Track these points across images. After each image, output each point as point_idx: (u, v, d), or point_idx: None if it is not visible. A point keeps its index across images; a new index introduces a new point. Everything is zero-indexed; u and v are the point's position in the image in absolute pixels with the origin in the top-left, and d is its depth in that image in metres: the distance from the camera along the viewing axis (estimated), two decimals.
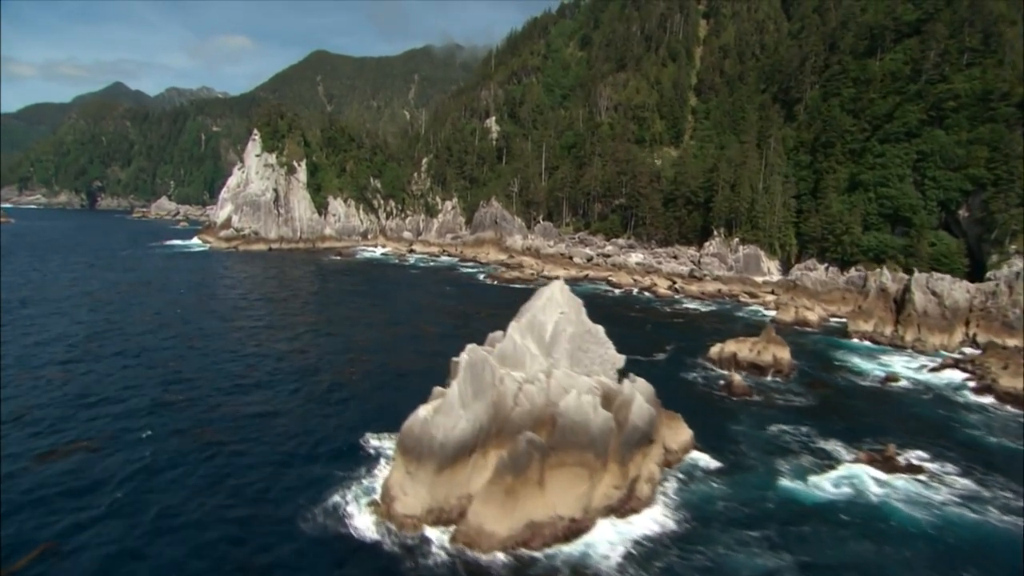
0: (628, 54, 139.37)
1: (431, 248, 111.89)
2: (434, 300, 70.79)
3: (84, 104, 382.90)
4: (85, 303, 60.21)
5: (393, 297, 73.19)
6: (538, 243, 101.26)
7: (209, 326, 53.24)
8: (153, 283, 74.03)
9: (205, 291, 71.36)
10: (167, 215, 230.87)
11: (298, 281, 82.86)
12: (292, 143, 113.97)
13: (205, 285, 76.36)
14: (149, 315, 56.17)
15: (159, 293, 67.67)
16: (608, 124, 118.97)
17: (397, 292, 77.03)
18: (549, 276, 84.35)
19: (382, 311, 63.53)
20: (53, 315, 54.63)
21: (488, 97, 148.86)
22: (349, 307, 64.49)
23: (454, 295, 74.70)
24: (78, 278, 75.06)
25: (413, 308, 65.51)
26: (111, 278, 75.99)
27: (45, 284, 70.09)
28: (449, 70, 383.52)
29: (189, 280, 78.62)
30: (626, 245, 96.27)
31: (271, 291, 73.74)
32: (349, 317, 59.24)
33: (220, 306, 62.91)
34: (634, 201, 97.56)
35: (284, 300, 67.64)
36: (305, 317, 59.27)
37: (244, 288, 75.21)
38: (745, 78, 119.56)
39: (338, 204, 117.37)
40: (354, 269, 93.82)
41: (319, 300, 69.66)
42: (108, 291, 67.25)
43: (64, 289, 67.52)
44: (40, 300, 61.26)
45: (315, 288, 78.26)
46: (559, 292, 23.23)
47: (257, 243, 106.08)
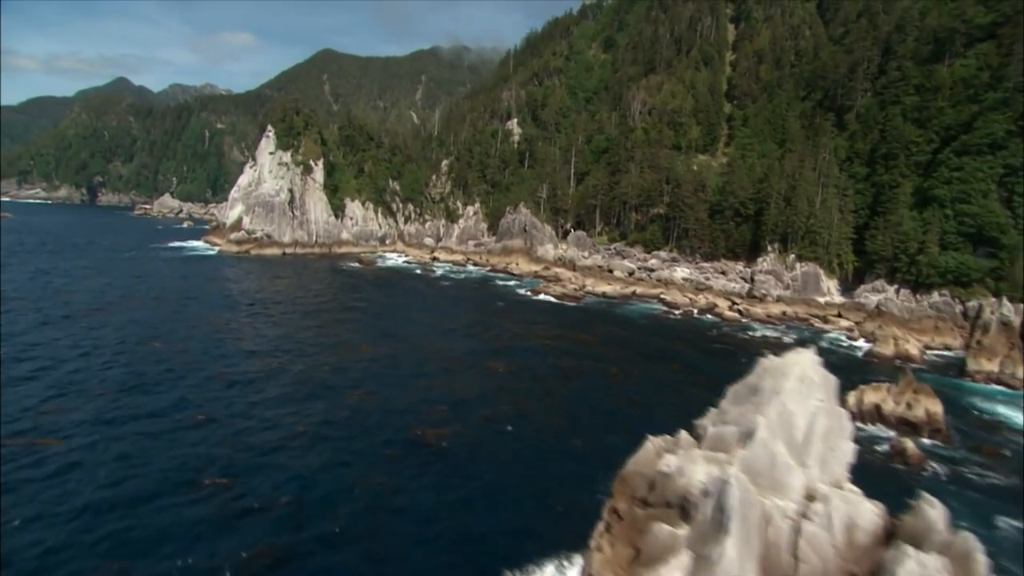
0: (657, 57, 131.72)
1: (454, 256, 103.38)
2: (489, 321, 61.19)
3: (87, 98, 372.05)
4: (89, 325, 50.55)
5: (441, 316, 63.31)
6: (572, 254, 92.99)
7: (256, 367, 42.90)
8: (165, 296, 63.52)
9: (230, 309, 60.40)
10: (169, 213, 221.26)
11: (328, 295, 72.34)
12: (309, 141, 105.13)
13: (227, 299, 65.10)
14: (175, 348, 44.93)
15: (176, 312, 56.78)
16: (642, 129, 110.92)
17: (441, 309, 67.39)
18: (595, 292, 76.28)
19: (442, 338, 53.27)
20: (46, 345, 45.62)
21: (510, 98, 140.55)
22: (402, 331, 54.60)
23: (504, 314, 64.75)
24: (79, 288, 65.60)
25: (472, 333, 55.60)
26: (116, 289, 66.21)
27: (40, 296, 60.84)
28: (456, 72, 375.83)
29: (206, 292, 68.16)
30: (669, 259, 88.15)
31: (306, 310, 62.60)
32: (412, 345, 49.53)
33: (257, 333, 52.32)
34: (678, 211, 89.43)
35: (325, 325, 56.04)
36: (361, 347, 48.77)
37: (274, 304, 64.71)
38: (783, 84, 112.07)
39: (356, 207, 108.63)
40: (382, 279, 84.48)
41: (365, 323, 58.36)
42: (114, 307, 57.22)
43: (61, 301, 58.26)
44: (34, 322, 52.40)
45: (352, 304, 66.62)
46: (812, 369, 15.01)
47: (270, 247, 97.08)
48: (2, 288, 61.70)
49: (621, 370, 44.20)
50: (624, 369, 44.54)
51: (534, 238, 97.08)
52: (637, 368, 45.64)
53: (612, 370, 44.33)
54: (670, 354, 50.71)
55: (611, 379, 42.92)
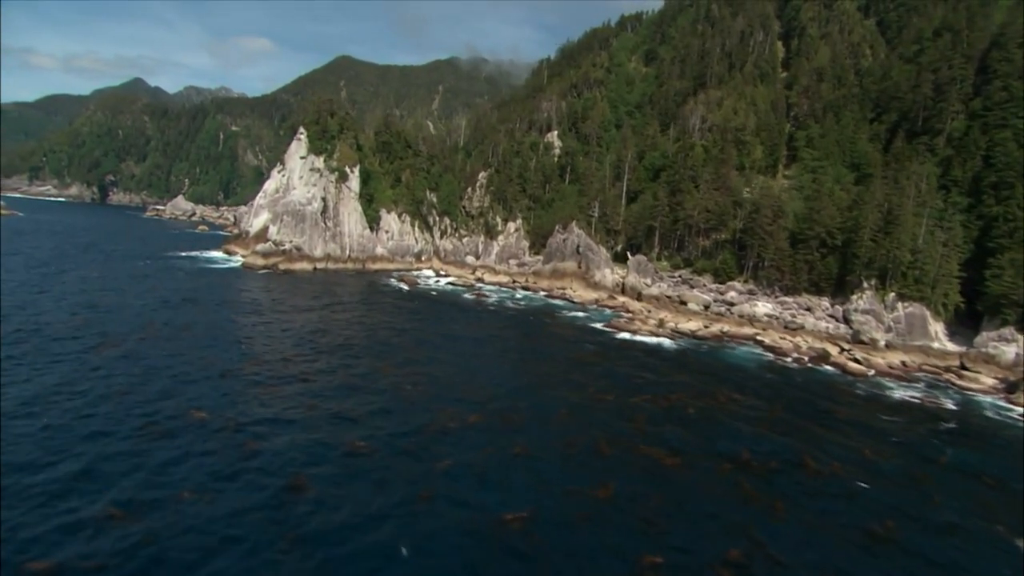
0: (708, 72, 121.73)
1: (499, 277, 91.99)
2: (592, 370, 49.01)
3: (102, 97, 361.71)
4: (103, 371, 38.94)
5: (529, 363, 51.32)
6: (633, 281, 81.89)
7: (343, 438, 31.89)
8: (192, 328, 50.84)
9: (279, 354, 46.79)
10: (182, 215, 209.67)
11: (385, 332, 57.77)
12: (344, 146, 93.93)
13: (271, 336, 52.13)
14: (224, 424, 32.62)
15: (211, 357, 44.12)
16: (702, 147, 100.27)
17: (523, 352, 55.65)
18: (680, 330, 65.02)
19: (552, 401, 41.00)
20: (50, 405, 34.23)
21: (550, 109, 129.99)
22: (497, 389, 42.52)
23: (602, 360, 52.34)
24: (88, 310, 54.28)
25: (585, 392, 42.83)
26: (133, 313, 54.48)
27: (45, 322, 49.43)
28: (474, 83, 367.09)
29: (243, 326, 54.61)
30: (746, 291, 77.14)
31: (364, 344, 51.55)
32: (529, 419, 37.28)
33: (326, 389, 39.65)
34: (756, 239, 78.48)
35: (398, 385, 42.01)
36: (459, 414, 36.87)
37: (330, 337, 52.82)
38: (847, 104, 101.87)
39: (392, 219, 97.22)
40: (436, 307, 72.27)
41: (445, 371, 45.85)
42: (133, 344, 45.12)
43: (69, 328, 46.91)
44: (35, 346, 41.04)
45: (417, 340, 54.36)
46: None
47: (300, 261, 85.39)
48: (2, 308, 50.24)
49: (817, 460, 33.07)
50: (822, 458, 33.45)
51: (590, 261, 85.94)
52: (849, 459, 34.32)
53: (809, 463, 33.29)
54: (844, 427, 39.69)
55: (824, 479, 31.46)
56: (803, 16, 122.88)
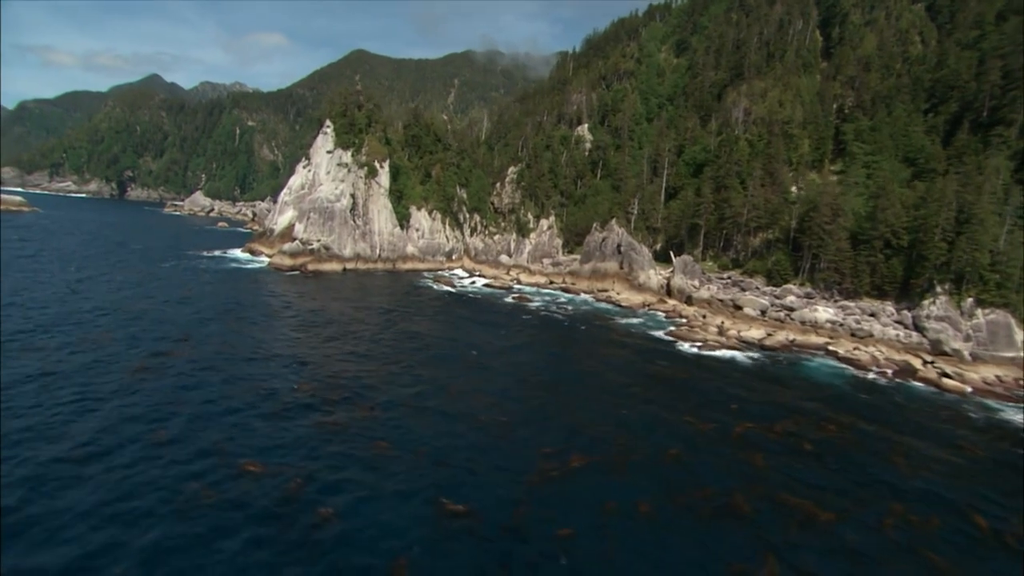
0: (745, 62, 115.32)
1: (535, 277, 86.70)
2: (676, 389, 43.68)
3: (120, 93, 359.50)
4: (131, 403, 33.82)
5: (604, 379, 44.78)
6: (681, 283, 76.35)
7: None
8: (233, 346, 44.51)
9: (321, 363, 42.37)
10: (200, 211, 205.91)
11: (435, 339, 52.75)
12: (373, 140, 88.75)
13: (310, 343, 47.81)
14: (285, 474, 26.90)
15: (250, 369, 39.68)
16: (747, 140, 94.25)
17: (593, 366, 48.38)
18: (745, 339, 59.48)
19: (667, 442, 34.12)
20: (60, 440, 29.36)
21: (580, 101, 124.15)
22: (574, 412, 37.27)
23: (691, 382, 46.09)
24: (110, 320, 49.41)
25: (688, 430, 36.05)
26: (161, 325, 49.26)
27: (63, 340, 44.30)
28: (490, 76, 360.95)
29: (278, 332, 49.87)
30: (803, 295, 71.41)
31: (422, 361, 45.38)
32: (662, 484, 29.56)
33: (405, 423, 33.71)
34: (815, 239, 72.62)
35: (466, 393, 38.50)
36: (556, 455, 30.91)
37: (382, 351, 46.85)
38: (897, 95, 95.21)
39: (422, 216, 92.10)
40: (481, 310, 66.58)
41: (519, 394, 40.16)
42: (164, 365, 39.22)
43: (89, 346, 42.02)
44: (63, 376, 36.37)
45: (476, 355, 48.42)
46: None
47: (329, 261, 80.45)
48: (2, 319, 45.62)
49: (985, 515, 27.69)
50: (986, 508, 28.17)
51: (633, 261, 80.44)
52: None
53: (979, 520, 27.48)
54: (986, 464, 34.11)
55: None
56: (845, 2, 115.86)
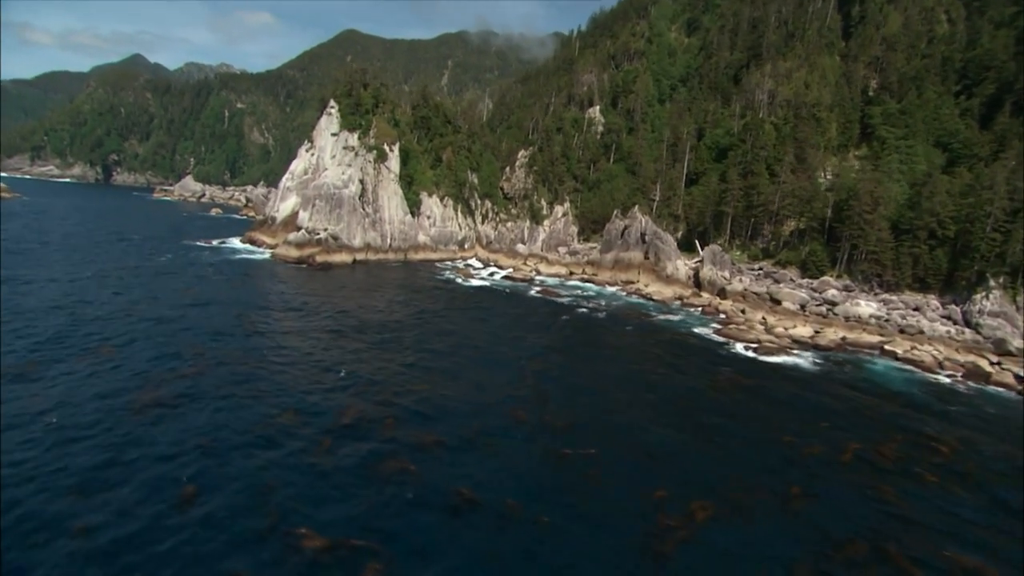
0: (763, 42, 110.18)
1: (554, 268, 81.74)
2: (753, 403, 38.31)
3: (102, 73, 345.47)
4: (141, 433, 28.22)
5: (675, 393, 39.05)
6: (710, 273, 71.91)
7: None
8: (248, 351, 39.42)
9: (357, 381, 35.98)
10: (191, 197, 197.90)
11: (474, 344, 46.64)
12: (382, 121, 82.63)
13: (338, 351, 41.63)
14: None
15: (278, 391, 33.51)
16: (772, 124, 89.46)
17: (655, 376, 42.09)
18: (797, 339, 55.08)
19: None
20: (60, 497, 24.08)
21: (591, 82, 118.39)
22: (664, 440, 31.59)
23: (762, 392, 40.48)
24: (108, 328, 43.26)
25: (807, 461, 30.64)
26: (169, 328, 43.06)
27: (55, 356, 38.17)
28: (484, 57, 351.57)
29: (300, 340, 43.06)
30: (842, 287, 67.30)
31: (471, 376, 39.12)
32: None
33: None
34: (855, 228, 68.30)
35: (535, 417, 32.73)
36: (669, 502, 25.83)
37: (424, 362, 41.32)
38: (925, 76, 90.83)
39: (433, 203, 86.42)
40: (510, 306, 60.75)
41: (591, 418, 34.05)
42: (175, 395, 32.14)
43: (85, 367, 35.86)
44: (44, 434, 30.88)
45: (527, 364, 42.29)
46: None
47: (339, 252, 74.43)
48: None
49: None
50: None
51: (659, 251, 75.76)
52: None
53: None
54: None
55: None
56: None
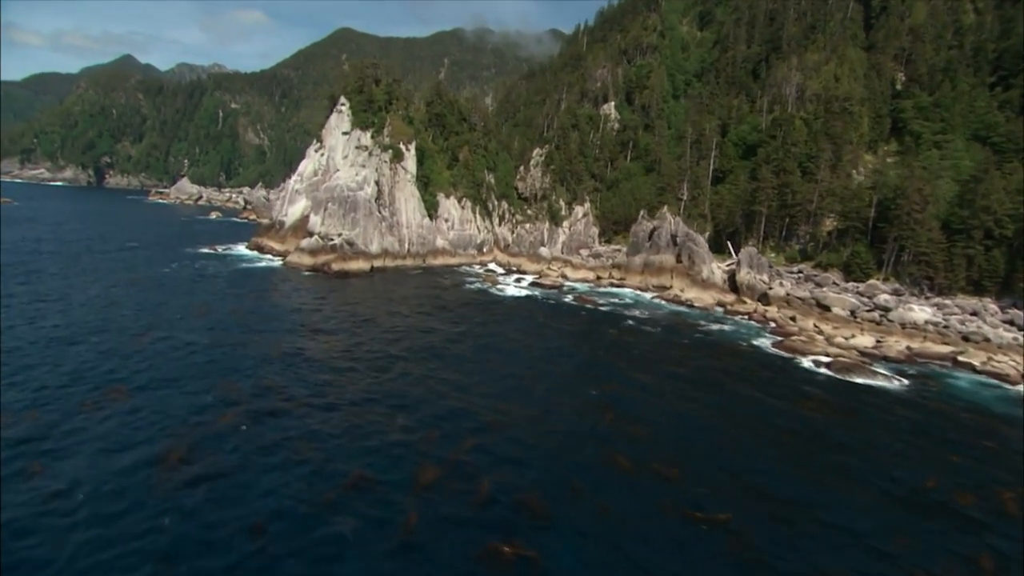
0: (783, 35, 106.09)
1: (580, 272, 77.04)
2: (870, 444, 31.71)
3: (93, 75, 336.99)
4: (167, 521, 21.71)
5: (781, 431, 32.64)
6: (748, 277, 67.57)
7: None
8: (280, 388, 32.52)
9: (417, 424, 29.84)
10: (188, 199, 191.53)
11: (544, 366, 40.84)
12: (396, 119, 77.58)
13: (388, 381, 35.13)
14: None
15: (324, 436, 27.56)
16: (801, 120, 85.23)
17: (743, 408, 35.69)
18: (861, 351, 50.71)
19: None
20: None
21: (604, 77, 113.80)
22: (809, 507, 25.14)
23: (868, 425, 34.44)
24: (121, 362, 36.92)
25: None
26: (187, 367, 35.44)
27: (55, 409, 31.90)
28: (480, 55, 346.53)
29: (340, 371, 36.22)
30: (891, 291, 63.13)
31: (545, 410, 33.04)
32: None
33: None
34: (905, 228, 64.11)
35: (636, 462, 27.24)
36: None
37: (495, 385, 36.04)
38: (956, 68, 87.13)
39: (451, 205, 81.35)
40: (556, 318, 55.07)
41: (704, 471, 27.59)
42: (208, 429, 27.28)
43: (96, 424, 28.64)
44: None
45: (616, 396, 35.98)
46: None
47: (355, 259, 68.69)
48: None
49: None
50: None
51: (693, 254, 71.31)
52: None
53: None
54: None
55: None
56: None
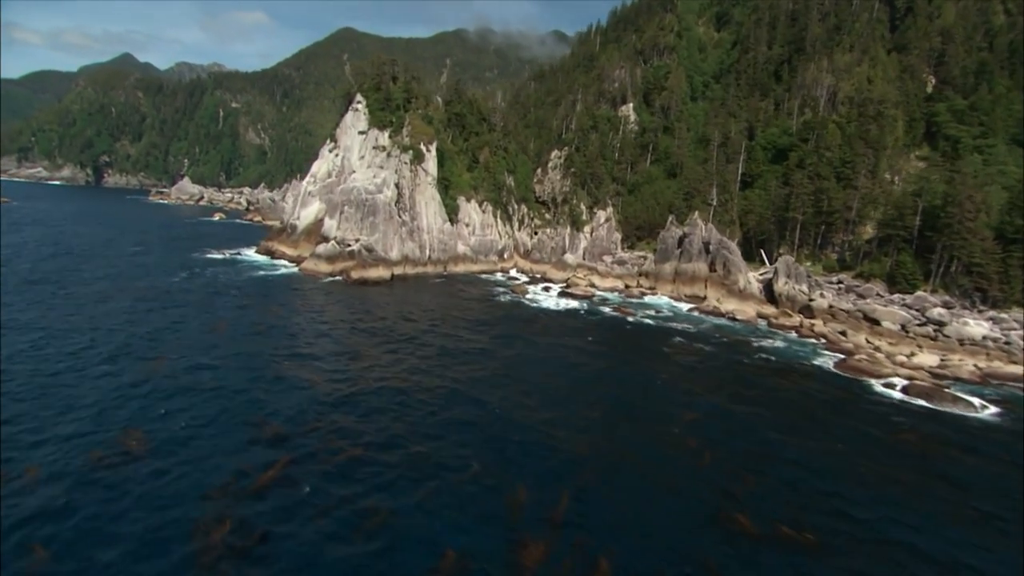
0: (806, 36, 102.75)
1: (608, 281, 73.04)
2: (991, 494, 27.32)
3: (91, 73, 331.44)
4: None
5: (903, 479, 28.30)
6: (788, 288, 63.88)
7: None
8: (345, 449, 26.44)
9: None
10: (189, 199, 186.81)
11: (610, 394, 36.62)
12: (417, 119, 73.42)
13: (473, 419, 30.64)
14: None
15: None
16: (834, 123, 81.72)
17: (841, 448, 31.12)
18: (933, 372, 47.01)
19: None
20: None
21: (622, 78, 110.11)
22: None
23: (977, 468, 30.01)
24: (134, 394, 31.64)
25: None
26: (210, 401, 30.09)
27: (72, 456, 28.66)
28: (483, 56, 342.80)
29: (398, 406, 31.27)
30: (940, 303, 59.54)
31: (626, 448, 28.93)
32: None
33: None
34: (956, 237, 60.58)
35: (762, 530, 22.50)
36: None
37: (567, 413, 32.03)
38: (990, 69, 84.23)
39: (472, 209, 77.24)
40: (605, 334, 50.87)
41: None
42: (249, 506, 21.58)
43: (112, 456, 24.53)
44: None
45: (705, 436, 31.40)
46: None
47: (375, 267, 64.42)
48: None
49: None
50: None
51: (728, 263, 67.58)
52: None
53: None
54: None
55: None
56: None
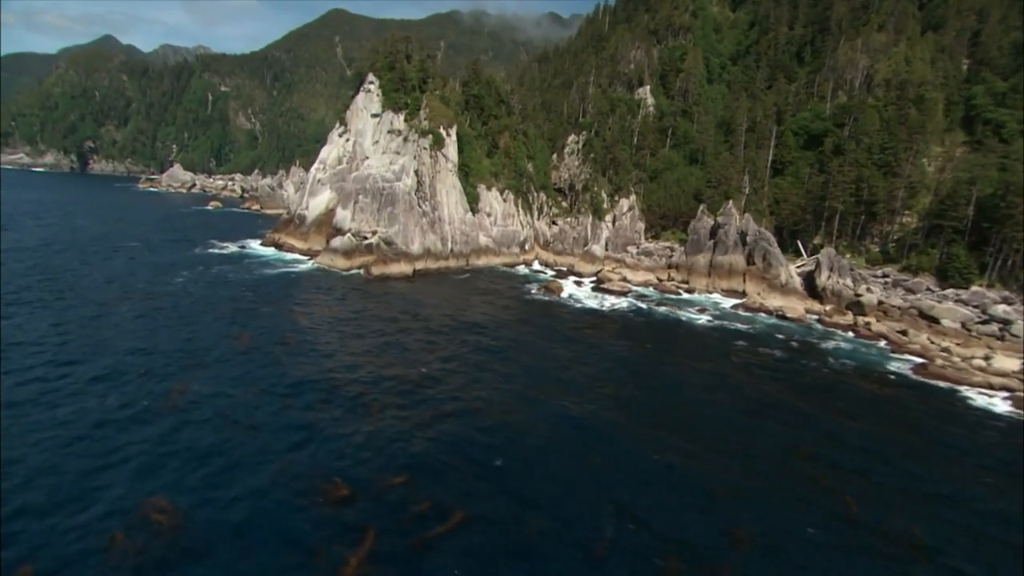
0: (831, 15, 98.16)
1: (639, 274, 68.41)
2: None
3: (72, 55, 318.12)
4: None
5: None
6: (833, 283, 59.85)
7: None
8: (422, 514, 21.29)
9: None
10: (181, 187, 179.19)
11: (691, 417, 32.54)
12: (434, 100, 67.69)
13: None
14: None
15: None
16: (873, 106, 77.30)
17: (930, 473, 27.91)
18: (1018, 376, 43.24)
19: None
20: None
21: (639, 59, 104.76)
22: None
23: None
24: (143, 440, 27.41)
25: None
26: (238, 444, 25.40)
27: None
28: (477, 38, 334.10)
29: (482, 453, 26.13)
30: (999, 298, 55.85)
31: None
32: None
33: None
34: (1019, 229, 56.71)
35: None
36: None
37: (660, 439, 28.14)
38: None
39: (493, 198, 72.03)
40: (668, 337, 46.23)
41: None
42: None
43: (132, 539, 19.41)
44: None
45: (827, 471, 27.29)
46: None
47: (396, 261, 59.59)
48: None
49: None
50: None
51: (768, 255, 63.32)
52: None
53: None
54: None
55: None
56: None
